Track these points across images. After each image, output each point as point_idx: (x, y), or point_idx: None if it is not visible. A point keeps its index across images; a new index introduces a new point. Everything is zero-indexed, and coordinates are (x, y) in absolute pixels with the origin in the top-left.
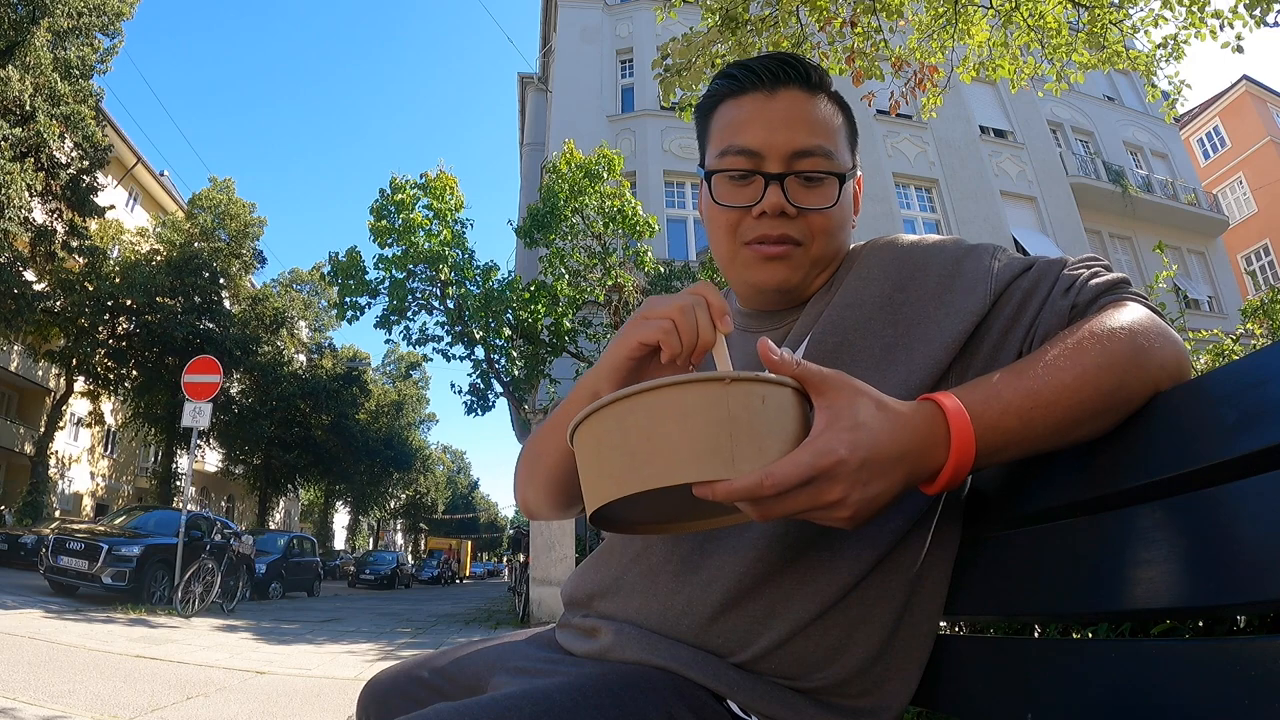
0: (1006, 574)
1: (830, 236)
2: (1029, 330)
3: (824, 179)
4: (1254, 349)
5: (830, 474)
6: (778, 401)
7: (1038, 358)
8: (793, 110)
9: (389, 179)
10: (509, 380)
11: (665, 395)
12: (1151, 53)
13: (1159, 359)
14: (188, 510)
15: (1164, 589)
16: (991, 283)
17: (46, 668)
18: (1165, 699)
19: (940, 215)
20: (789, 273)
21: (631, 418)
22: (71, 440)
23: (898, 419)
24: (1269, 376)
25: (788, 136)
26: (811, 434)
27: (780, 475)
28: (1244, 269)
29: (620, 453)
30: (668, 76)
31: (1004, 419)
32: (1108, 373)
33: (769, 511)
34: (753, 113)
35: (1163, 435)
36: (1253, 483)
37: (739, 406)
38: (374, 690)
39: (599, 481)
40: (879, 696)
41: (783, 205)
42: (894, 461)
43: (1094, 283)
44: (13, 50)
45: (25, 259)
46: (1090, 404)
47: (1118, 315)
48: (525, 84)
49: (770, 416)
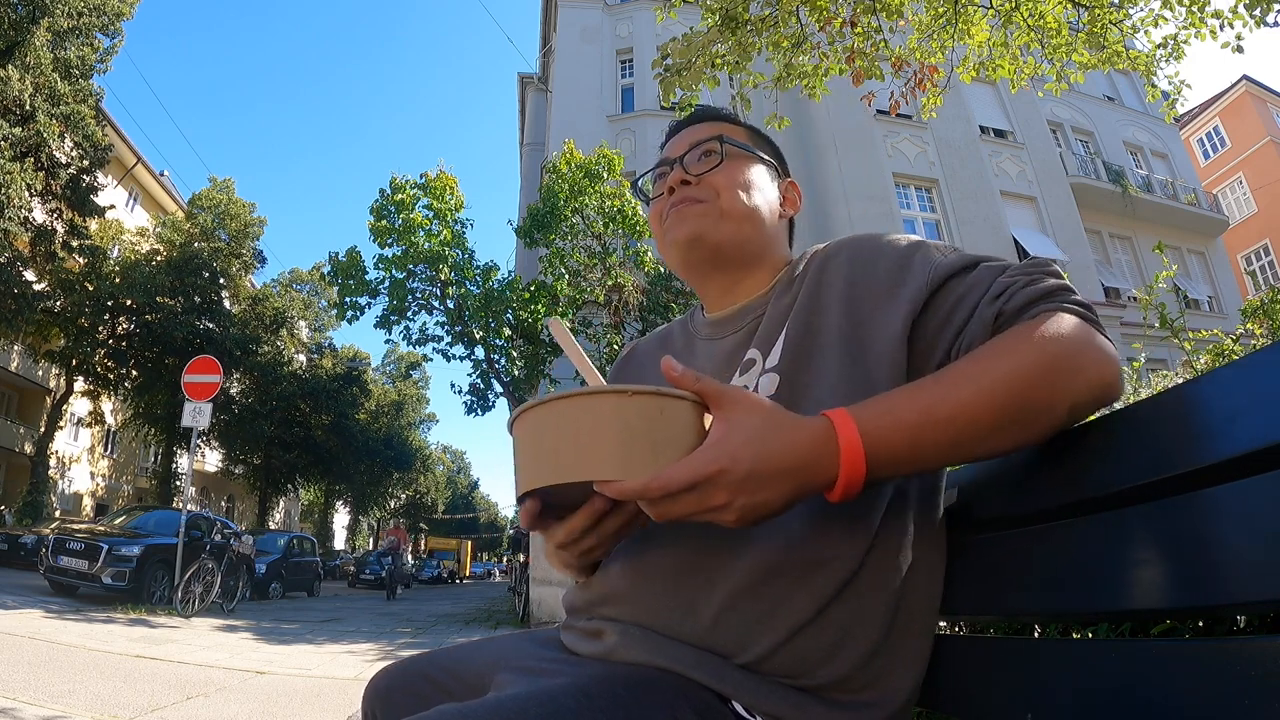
0: (1006, 574)
1: (735, 193)
2: (957, 336)
3: (718, 152)
4: (1254, 349)
5: (714, 481)
6: (675, 413)
7: (945, 372)
8: (694, 129)
9: (389, 179)
10: (509, 380)
11: (580, 402)
12: (1151, 53)
13: (1076, 373)
14: (188, 510)
15: (1164, 589)
16: (931, 272)
17: (47, 668)
18: (1165, 699)
19: (940, 215)
20: (697, 220)
21: (554, 419)
22: (71, 440)
23: (787, 434)
24: (1268, 376)
25: (687, 139)
26: (704, 443)
27: (666, 479)
28: (1244, 269)
29: (545, 448)
30: (668, 76)
31: (896, 435)
32: (1009, 389)
33: (663, 512)
34: (670, 145)
35: (1163, 435)
36: (1253, 482)
37: (637, 416)
38: (379, 686)
39: (528, 470)
40: (881, 690)
41: (682, 175)
42: (781, 473)
43: (1026, 290)
44: (13, 50)
45: (25, 259)
46: (990, 420)
47: (1038, 327)
48: (525, 84)
49: (666, 426)
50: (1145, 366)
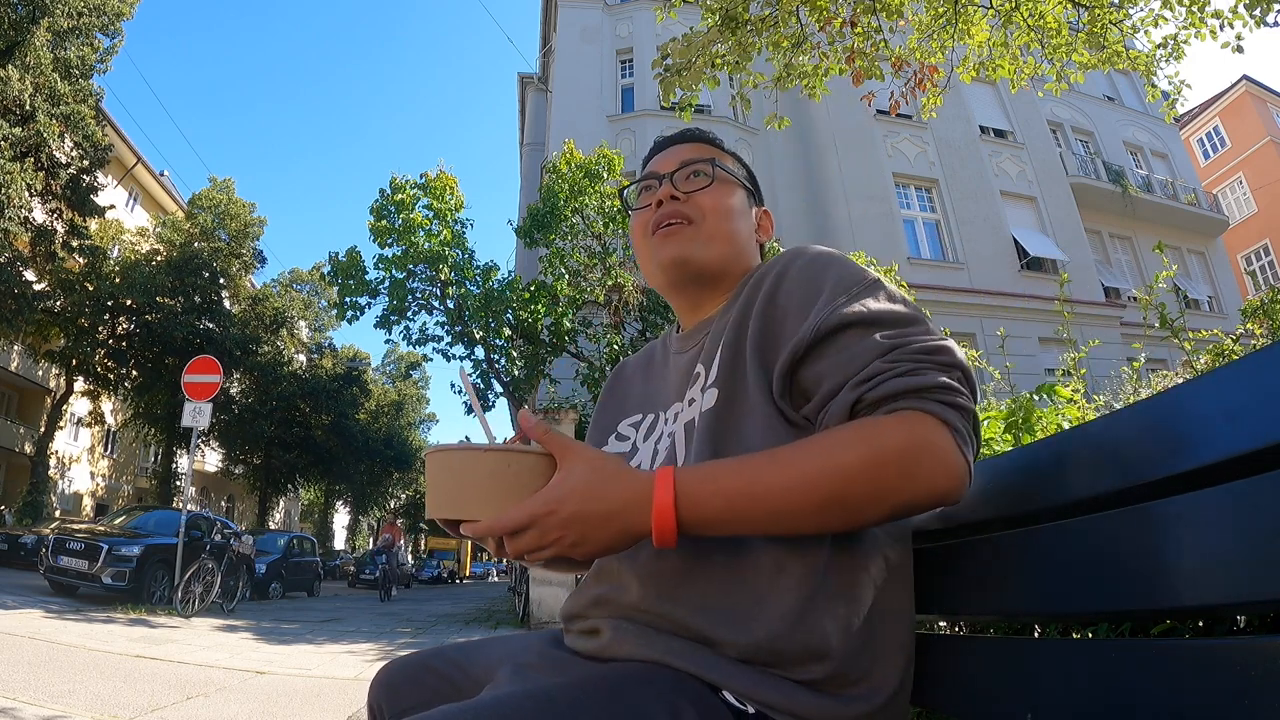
0: (1006, 574)
1: (718, 215)
2: (822, 407)
3: (709, 174)
4: (1254, 349)
5: (544, 521)
6: (522, 464)
7: (780, 451)
8: (682, 147)
9: (389, 179)
10: (509, 380)
11: (457, 456)
12: (1151, 53)
13: (906, 478)
14: (188, 510)
15: (1163, 589)
16: (817, 328)
17: (46, 668)
18: (1165, 699)
19: (940, 215)
20: (683, 243)
21: (442, 465)
22: (71, 440)
23: (611, 485)
24: (1268, 376)
25: (675, 157)
26: (543, 489)
27: (506, 520)
28: (1244, 269)
29: (436, 487)
30: (668, 76)
31: (712, 501)
32: (829, 482)
33: (514, 548)
34: (656, 159)
35: (1163, 434)
36: (1253, 482)
37: (487, 470)
38: (386, 677)
39: (429, 501)
40: (869, 684)
41: (671, 191)
42: (603, 517)
43: (894, 382)
44: (13, 50)
45: (25, 259)
46: (808, 507)
47: (883, 427)
48: (525, 84)
49: (514, 476)
50: (1145, 366)
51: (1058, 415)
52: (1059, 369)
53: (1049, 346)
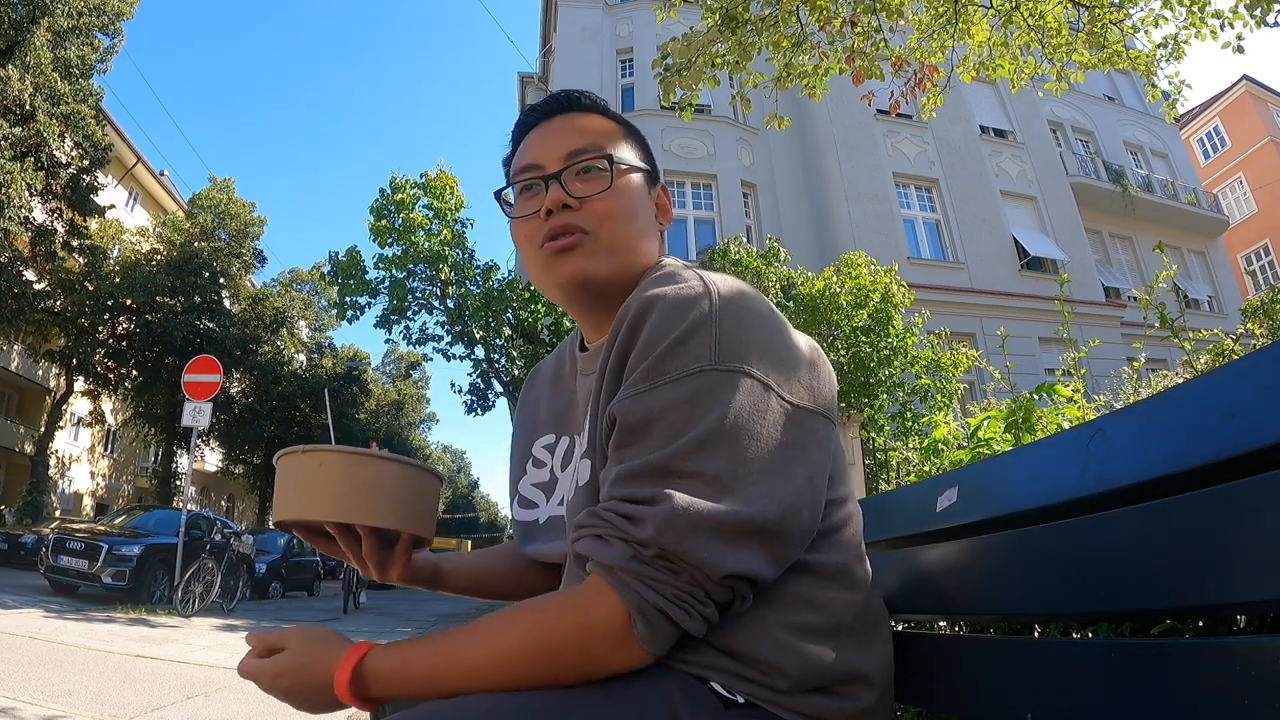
0: (1006, 574)
1: (617, 222)
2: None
3: (601, 170)
4: (1254, 349)
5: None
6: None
7: (474, 626)
8: (564, 125)
9: (389, 179)
10: (509, 380)
11: (306, 457)
12: (1151, 53)
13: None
14: (188, 510)
15: (1164, 589)
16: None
17: (47, 667)
18: (1165, 699)
19: (940, 215)
20: (583, 261)
21: (293, 466)
22: (71, 440)
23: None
24: (1268, 376)
25: (561, 142)
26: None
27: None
28: (1244, 269)
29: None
30: (668, 76)
31: (395, 677)
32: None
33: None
34: (532, 139)
35: (1163, 434)
36: (1253, 482)
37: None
38: None
39: (278, 502)
40: (856, 685)
41: (563, 199)
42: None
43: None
44: (13, 50)
45: (25, 258)
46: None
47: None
48: (525, 84)
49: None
50: (1145, 366)
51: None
52: (1059, 369)
53: (1049, 346)
